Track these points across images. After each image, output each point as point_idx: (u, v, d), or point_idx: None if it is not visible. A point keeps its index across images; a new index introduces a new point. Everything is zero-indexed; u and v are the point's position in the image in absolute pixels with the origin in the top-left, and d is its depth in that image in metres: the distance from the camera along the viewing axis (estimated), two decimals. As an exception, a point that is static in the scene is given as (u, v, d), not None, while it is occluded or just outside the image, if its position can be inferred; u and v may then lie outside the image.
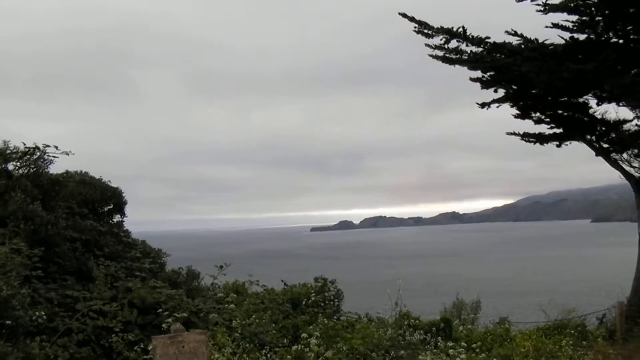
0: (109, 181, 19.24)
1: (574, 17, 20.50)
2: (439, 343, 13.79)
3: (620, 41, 20.54)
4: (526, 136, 23.03)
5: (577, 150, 23.52)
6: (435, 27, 20.38)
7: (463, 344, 13.15)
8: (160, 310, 11.89)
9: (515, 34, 20.31)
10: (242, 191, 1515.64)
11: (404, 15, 20.31)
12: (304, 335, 11.37)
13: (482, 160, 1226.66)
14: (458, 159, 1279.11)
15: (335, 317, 16.17)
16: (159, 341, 5.83)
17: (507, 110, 23.03)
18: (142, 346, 10.35)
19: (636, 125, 22.77)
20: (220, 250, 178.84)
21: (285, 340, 12.88)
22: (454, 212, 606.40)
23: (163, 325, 10.28)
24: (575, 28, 20.62)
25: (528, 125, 23.21)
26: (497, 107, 22.27)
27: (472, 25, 20.35)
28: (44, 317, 10.86)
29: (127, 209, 19.61)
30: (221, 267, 13.34)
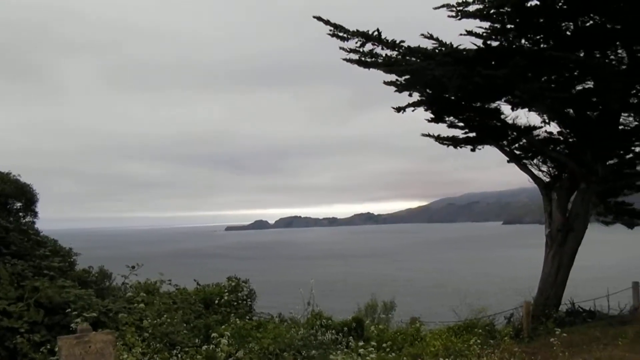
0: (19, 175, 18.72)
1: (487, 24, 20.97)
2: (350, 343, 13.89)
3: (531, 48, 21.09)
4: (441, 138, 23.40)
5: (491, 154, 24.16)
6: (350, 30, 20.46)
7: (373, 343, 13.30)
8: (69, 310, 11.64)
9: (430, 37, 20.57)
10: (158, 189, 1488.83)
11: (319, 19, 20.33)
12: (215, 335, 11.33)
13: (399, 162, 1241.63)
14: (376, 159, 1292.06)
15: (247, 317, 16.13)
16: (64, 342, 5.71)
17: (426, 113, 23.31)
18: (48, 347, 10.12)
19: (545, 131, 23.46)
20: (134, 249, 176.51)
21: (196, 340, 12.77)
22: (368, 213, 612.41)
23: (72, 325, 10.10)
24: (487, 35, 21.09)
25: (444, 128, 23.57)
26: (413, 110, 22.55)
27: (388, 29, 20.56)
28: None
29: (39, 205, 19.12)
30: (133, 267, 13.16)
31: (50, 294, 12.41)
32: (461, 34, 20.94)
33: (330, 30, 20.53)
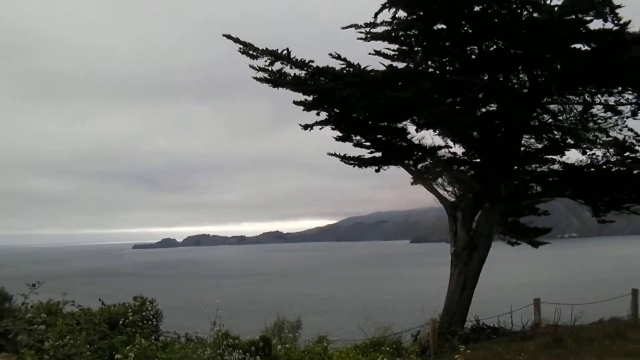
0: None
1: (395, 46, 21.36)
2: (257, 362, 13.82)
3: (437, 72, 21.55)
4: (346, 158, 23.56)
5: (399, 173, 24.31)
6: (260, 48, 20.44)
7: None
8: (-37, 333, 11.22)
9: (338, 57, 20.76)
10: (67, 205, 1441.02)
11: (229, 37, 20.24)
12: (119, 356, 11.11)
13: (309, 180, 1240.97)
14: (287, 177, 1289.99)
15: (153, 337, 15.85)
16: (-43, 366, 5.52)
17: (333, 132, 23.40)
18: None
19: (450, 151, 23.98)
20: (39, 267, 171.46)
21: (101, 362, 12.49)
22: (277, 232, 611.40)
23: (-34, 349, 9.75)
24: (395, 57, 21.48)
25: (351, 147, 23.72)
26: (320, 129, 22.65)
27: (300, 47, 20.63)
28: None
29: None
30: (33, 285, 12.78)
31: (-58, 317, 11.96)
32: (370, 54, 21.27)
33: (240, 48, 20.48)
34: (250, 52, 20.50)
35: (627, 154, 21.65)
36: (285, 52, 20.40)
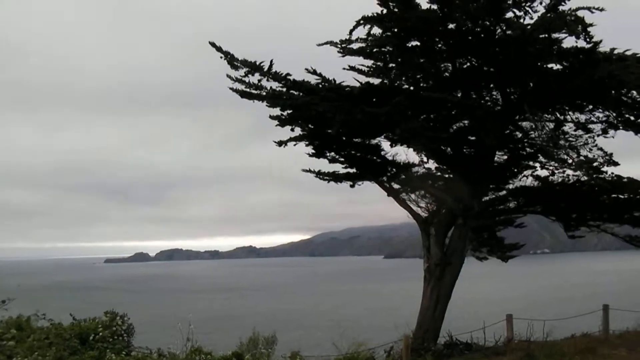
0: None
1: (370, 62, 21.46)
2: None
3: (411, 88, 21.66)
4: (321, 174, 23.52)
5: (373, 189, 24.32)
6: (239, 59, 20.36)
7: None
8: None
9: (314, 72, 20.76)
10: (39, 218, 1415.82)
11: (213, 45, 20.13)
12: (90, 372, 11.04)
13: (284, 194, 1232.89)
14: (261, 191, 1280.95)
15: (124, 353, 15.75)
16: None
17: (307, 148, 23.34)
18: None
19: (424, 168, 24.05)
20: (6, 282, 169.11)
21: (71, 378, 12.38)
22: (251, 246, 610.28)
23: None
24: (370, 73, 21.57)
25: (326, 162, 23.67)
26: (294, 145, 22.59)
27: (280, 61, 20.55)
28: None
29: None
30: (3, 302, 12.68)
31: None
32: (344, 69, 21.35)
33: (221, 57, 20.36)
34: (234, 62, 20.39)
35: (595, 174, 21.88)
36: (263, 63, 20.31)
